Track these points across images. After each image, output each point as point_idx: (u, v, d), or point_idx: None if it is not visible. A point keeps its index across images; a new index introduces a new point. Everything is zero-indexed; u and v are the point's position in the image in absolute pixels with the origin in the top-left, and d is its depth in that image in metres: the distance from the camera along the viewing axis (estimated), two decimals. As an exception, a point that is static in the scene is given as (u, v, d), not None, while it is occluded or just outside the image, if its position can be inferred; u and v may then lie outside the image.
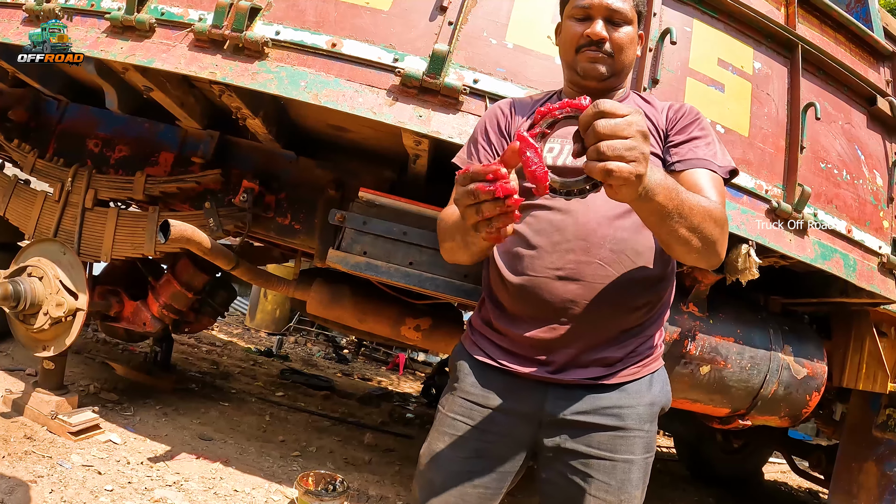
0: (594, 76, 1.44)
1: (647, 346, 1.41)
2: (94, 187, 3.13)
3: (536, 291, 1.35)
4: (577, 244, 1.33)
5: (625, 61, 1.45)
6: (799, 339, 2.99)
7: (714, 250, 1.24)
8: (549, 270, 1.34)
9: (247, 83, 2.29)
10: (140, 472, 2.84)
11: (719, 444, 5.18)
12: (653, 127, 1.44)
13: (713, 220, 1.19)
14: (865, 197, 2.90)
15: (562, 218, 1.35)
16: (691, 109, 1.46)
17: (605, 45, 1.41)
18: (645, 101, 1.53)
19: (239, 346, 7.28)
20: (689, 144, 1.40)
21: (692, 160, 1.37)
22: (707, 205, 1.19)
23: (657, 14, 2.53)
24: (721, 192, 1.34)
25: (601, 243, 1.33)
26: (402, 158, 2.82)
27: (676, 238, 1.17)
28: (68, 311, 2.97)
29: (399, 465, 3.87)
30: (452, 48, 2.31)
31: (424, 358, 9.00)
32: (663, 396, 1.43)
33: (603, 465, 1.33)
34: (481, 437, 1.41)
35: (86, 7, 2.56)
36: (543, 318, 1.36)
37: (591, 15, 1.41)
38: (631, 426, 1.35)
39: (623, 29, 1.42)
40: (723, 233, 1.24)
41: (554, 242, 1.35)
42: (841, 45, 3.04)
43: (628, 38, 1.43)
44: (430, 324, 3.11)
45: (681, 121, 1.44)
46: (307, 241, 3.13)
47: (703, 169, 1.36)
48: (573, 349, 1.36)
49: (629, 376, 1.38)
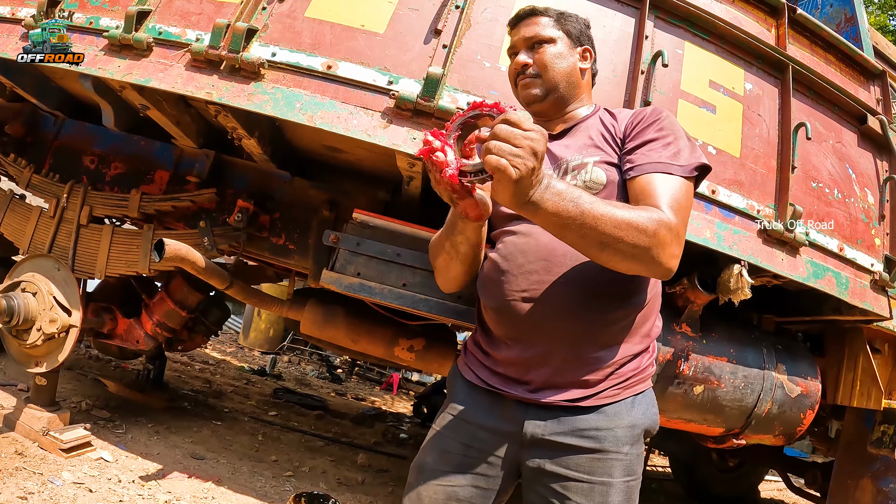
0: (530, 100, 1.54)
1: (630, 367, 1.40)
2: (89, 204, 3.13)
3: (508, 314, 1.40)
4: (539, 265, 1.37)
5: (555, 77, 1.52)
6: (792, 358, 2.99)
7: (647, 258, 1.19)
8: (516, 293, 1.38)
9: (243, 104, 2.31)
10: (131, 491, 2.82)
11: (714, 463, 5.17)
12: (609, 136, 1.47)
13: (634, 229, 1.16)
14: (857, 215, 2.93)
15: (525, 241, 1.40)
16: (653, 112, 1.44)
17: (530, 69, 1.53)
18: (610, 114, 1.55)
19: (232, 365, 7.25)
20: (643, 149, 1.38)
21: (644, 165, 1.35)
22: (625, 214, 1.16)
23: (649, 37, 2.57)
24: (677, 196, 1.29)
25: (562, 262, 1.35)
26: (396, 180, 2.84)
27: (586, 247, 1.19)
28: (62, 328, 2.96)
29: (392, 486, 3.84)
30: (447, 71, 2.34)
31: (418, 378, 8.99)
32: (647, 419, 1.42)
33: (581, 488, 1.33)
34: (466, 454, 1.44)
35: (84, 25, 2.58)
36: (518, 340, 1.40)
37: (517, 50, 1.57)
38: (608, 448, 1.34)
39: (544, 49, 1.53)
40: (656, 240, 1.18)
41: (519, 265, 1.39)
42: (831, 65, 3.08)
43: (550, 55, 1.52)
44: (423, 344, 3.11)
45: (638, 125, 1.43)
46: (301, 261, 3.13)
47: (656, 173, 1.32)
48: (550, 368, 1.37)
49: (609, 398, 1.37)
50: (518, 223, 1.44)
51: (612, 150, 1.44)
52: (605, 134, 1.48)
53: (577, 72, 1.56)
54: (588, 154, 1.44)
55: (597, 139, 1.47)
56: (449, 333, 3.29)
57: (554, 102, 1.54)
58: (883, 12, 12.14)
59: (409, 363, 3.19)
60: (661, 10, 2.65)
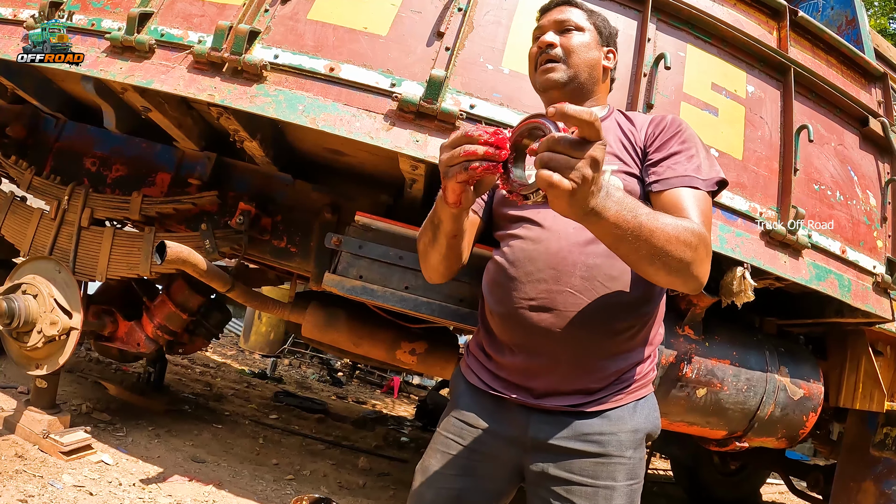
0: (550, 85, 1.50)
1: (633, 373, 1.41)
2: (90, 206, 3.12)
3: (514, 322, 1.39)
4: (548, 273, 1.35)
5: (579, 65, 1.49)
6: (795, 360, 2.98)
7: (688, 273, 1.18)
8: (524, 301, 1.37)
9: (245, 106, 2.30)
10: (132, 494, 2.81)
11: (716, 467, 5.15)
12: (629, 144, 1.45)
13: (682, 243, 1.14)
14: (859, 217, 2.92)
15: (534, 248, 1.38)
16: (673, 122, 1.43)
17: (556, 50, 1.49)
18: (626, 118, 1.53)
19: (233, 368, 7.24)
20: (668, 161, 1.37)
21: (671, 179, 1.34)
22: (674, 228, 1.13)
23: (651, 39, 2.56)
24: (704, 210, 1.30)
25: (571, 271, 1.34)
26: (398, 182, 2.83)
27: (637, 260, 1.14)
28: (62, 330, 2.95)
29: (394, 490, 3.83)
30: (449, 73, 2.34)
31: (419, 381, 8.97)
32: (649, 423, 1.42)
33: (585, 492, 1.33)
34: (470, 456, 1.45)
35: (86, 27, 2.58)
36: (524, 347, 1.39)
37: (545, 31, 1.53)
38: (612, 453, 1.35)
39: (572, 34, 1.50)
40: (697, 255, 1.17)
41: (527, 272, 1.38)
42: (833, 67, 3.08)
43: (578, 42, 1.50)
44: (425, 348, 3.10)
45: (660, 136, 1.41)
46: (303, 264, 3.13)
47: (684, 188, 1.32)
48: (555, 376, 1.37)
49: (612, 403, 1.38)
50: (527, 227, 1.43)
51: (633, 159, 1.42)
52: (624, 142, 1.45)
53: (600, 67, 1.54)
54: (606, 162, 1.39)
55: (616, 147, 1.45)
56: (451, 337, 3.28)
57: (573, 92, 1.50)
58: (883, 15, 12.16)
59: (411, 366, 3.18)
60: (664, 13, 2.65)
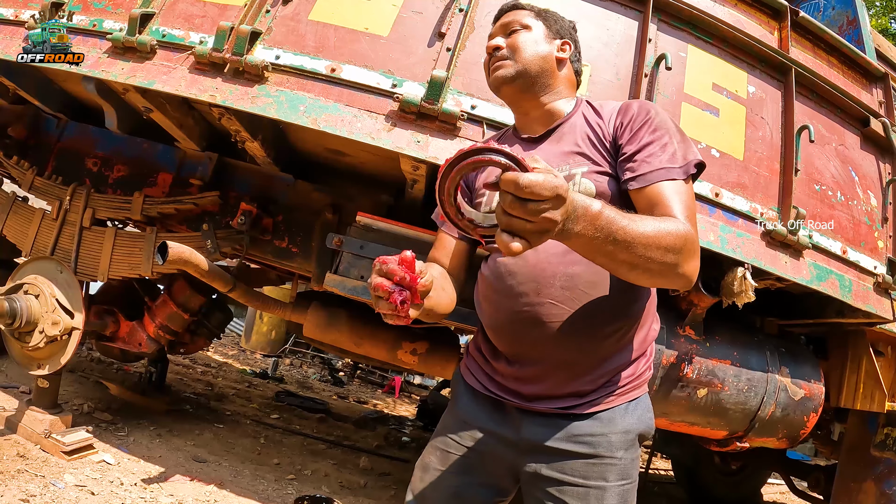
0: (499, 81, 1.49)
1: (625, 374, 1.41)
2: (92, 206, 3.13)
3: (504, 334, 1.43)
4: (528, 287, 1.36)
5: (527, 59, 1.47)
6: (795, 361, 2.98)
7: (673, 274, 1.15)
8: (509, 315, 1.39)
9: (246, 107, 2.31)
10: (134, 494, 2.81)
11: (717, 467, 5.14)
12: (597, 139, 1.40)
13: (664, 248, 1.11)
14: (860, 218, 2.92)
15: (514, 261, 1.38)
16: (641, 108, 1.37)
17: (502, 51, 1.49)
18: (593, 110, 1.48)
19: (234, 368, 7.24)
20: (642, 154, 1.31)
21: (647, 175, 1.28)
22: (655, 234, 1.10)
23: (652, 40, 2.56)
24: (686, 202, 1.26)
25: (551, 282, 1.33)
26: (399, 183, 2.84)
27: (616, 268, 1.13)
28: (64, 330, 2.96)
29: (395, 489, 3.83)
30: (450, 74, 2.34)
31: (421, 381, 8.97)
32: (641, 424, 1.43)
33: (576, 492, 1.35)
34: (469, 454, 1.47)
35: (88, 27, 2.59)
36: (516, 357, 1.42)
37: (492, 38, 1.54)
38: (602, 453, 1.36)
39: (519, 33, 1.49)
40: (680, 257, 1.14)
41: (508, 287, 1.39)
42: (834, 68, 3.07)
43: (523, 38, 1.49)
44: (426, 348, 3.11)
45: (630, 125, 1.36)
46: (304, 264, 3.13)
47: (662, 182, 1.27)
48: (548, 383, 1.39)
49: (604, 405, 1.39)
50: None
51: (603, 156, 1.38)
52: (592, 137, 1.41)
53: (552, 60, 1.49)
54: (576, 163, 1.38)
55: (584, 145, 1.40)
56: (452, 336, 3.29)
57: (524, 87, 1.48)
58: (885, 14, 12.14)
59: (413, 366, 3.19)
60: (665, 13, 2.65)
